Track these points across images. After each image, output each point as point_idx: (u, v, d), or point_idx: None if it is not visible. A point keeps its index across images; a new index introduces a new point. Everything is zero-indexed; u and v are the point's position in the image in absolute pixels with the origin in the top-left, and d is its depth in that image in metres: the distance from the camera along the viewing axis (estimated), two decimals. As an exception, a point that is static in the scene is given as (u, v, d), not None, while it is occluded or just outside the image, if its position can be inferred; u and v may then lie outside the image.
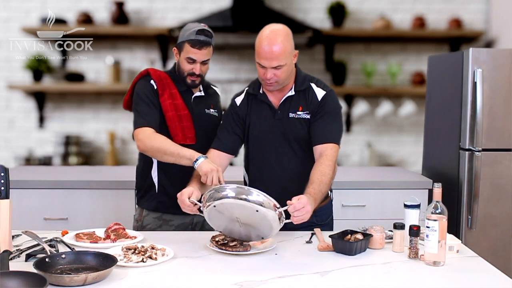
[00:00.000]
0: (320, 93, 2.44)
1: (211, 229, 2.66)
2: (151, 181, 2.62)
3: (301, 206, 2.03)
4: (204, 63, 2.53)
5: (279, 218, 2.03)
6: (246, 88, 2.54)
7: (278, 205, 2.02)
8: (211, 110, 2.66)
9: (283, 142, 2.43)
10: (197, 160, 2.30)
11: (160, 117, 2.52)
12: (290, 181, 2.42)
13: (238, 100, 2.53)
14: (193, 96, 2.62)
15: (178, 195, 2.21)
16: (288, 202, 2.06)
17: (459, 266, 2.01)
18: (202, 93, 2.65)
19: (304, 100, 2.43)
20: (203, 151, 2.47)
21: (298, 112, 2.42)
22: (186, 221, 2.64)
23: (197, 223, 2.67)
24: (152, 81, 2.55)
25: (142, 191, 2.67)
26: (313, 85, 2.46)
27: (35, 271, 1.72)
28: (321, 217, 2.52)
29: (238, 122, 2.49)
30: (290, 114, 2.42)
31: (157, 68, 2.68)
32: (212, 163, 2.28)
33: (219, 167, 2.27)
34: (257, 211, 1.99)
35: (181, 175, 2.48)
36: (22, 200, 3.33)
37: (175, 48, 2.56)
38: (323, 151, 2.34)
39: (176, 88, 2.57)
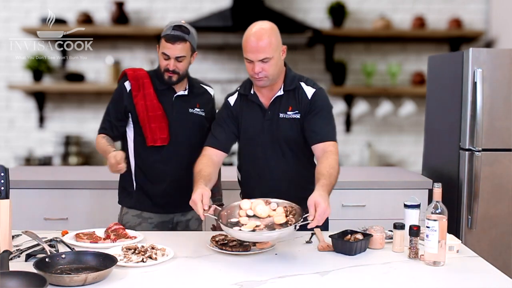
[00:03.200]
0: (309, 91, 2.41)
1: (197, 229, 2.67)
2: (130, 179, 2.65)
3: (322, 212, 1.96)
4: (178, 59, 2.50)
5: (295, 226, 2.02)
6: (238, 88, 2.53)
7: (295, 220, 2.05)
8: (196, 109, 2.63)
9: (273, 142, 2.42)
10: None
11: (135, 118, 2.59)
12: (280, 180, 2.42)
13: (232, 100, 2.51)
14: (175, 95, 2.60)
15: (191, 203, 2.10)
16: (307, 216, 1.99)
17: (459, 266, 2.01)
18: (186, 92, 2.63)
19: (294, 99, 2.41)
20: (186, 149, 2.54)
21: (288, 112, 2.40)
22: (166, 220, 2.65)
23: (179, 223, 2.67)
24: (127, 83, 2.58)
25: (121, 189, 2.71)
26: (302, 83, 2.43)
27: (35, 271, 1.72)
28: None
29: (233, 121, 2.47)
30: (280, 114, 2.41)
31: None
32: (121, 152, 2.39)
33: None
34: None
35: (158, 173, 2.56)
36: (22, 200, 3.33)
37: (157, 45, 2.57)
38: (326, 148, 2.31)
39: (153, 88, 2.57)
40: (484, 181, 3.35)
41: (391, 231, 2.21)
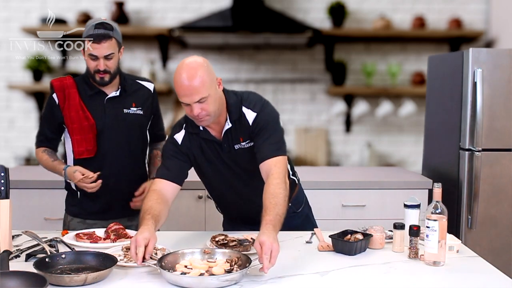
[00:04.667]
0: (250, 116, 2.24)
1: None
2: (71, 187, 2.62)
3: (268, 250, 1.85)
4: (107, 57, 2.42)
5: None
6: (184, 125, 2.31)
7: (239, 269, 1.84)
8: (132, 108, 2.55)
9: (237, 172, 2.33)
10: (64, 169, 2.44)
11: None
12: (251, 201, 2.28)
13: (179, 138, 2.29)
14: (106, 98, 2.53)
15: (132, 242, 1.88)
16: (255, 260, 1.86)
17: (459, 266, 2.01)
18: (118, 93, 2.54)
19: (241, 130, 2.26)
20: (124, 152, 2.53)
21: (242, 143, 2.26)
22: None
23: (129, 227, 2.56)
24: (54, 95, 2.53)
25: (67, 196, 2.69)
26: (244, 109, 2.25)
27: (35, 271, 1.72)
28: (298, 203, 2.53)
29: (184, 156, 2.29)
30: (235, 146, 2.27)
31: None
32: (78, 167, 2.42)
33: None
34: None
35: (99, 177, 2.49)
36: (22, 200, 3.33)
37: (82, 49, 2.47)
38: (269, 170, 2.16)
39: (79, 97, 2.50)
40: (484, 181, 3.35)
41: (391, 231, 2.21)
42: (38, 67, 5.28)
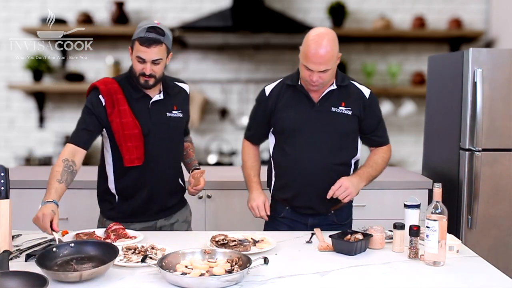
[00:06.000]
0: (365, 90, 2.52)
1: (182, 226, 2.64)
2: (109, 191, 2.54)
3: (343, 189, 2.33)
4: (155, 62, 2.37)
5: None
6: (281, 79, 2.55)
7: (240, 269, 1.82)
8: (173, 112, 2.52)
9: (320, 134, 2.43)
10: (42, 203, 2.21)
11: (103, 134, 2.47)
12: (317, 174, 2.42)
13: (268, 89, 2.53)
14: (151, 102, 2.48)
15: (254, 206, 2.50)
16: (256, 260, 1.86)
17: (459, 266, 2.01)
18: (161, 96, 2.50)
19: (347, 96, 2.46)
20: (166, 157, 2.50)
21: (341, 108, 2.44)
22: (149, 225, 2.56)
23: (162, 227, 2.58)
24: (100, 96, 2.44)
25: (102, 199, 2.60)
26: (354, 82, 2.52)
27: (35, 270, 1.72)
28: (342, 217, 2.57)
29: (264, 112, 2.51)
30: (332, 108, 2.44)
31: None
32: (49, 210, 2.15)
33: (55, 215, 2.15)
34: None
35: (138, 184, 2.48)
36: (22, 200, 3.32)
37: (130, 47, 2.43)
38: (381, 150, 2.58)
39: (127, 102, 2.43)
40: (484, 181, 3.35)
41: (391, 231, 2.21)
42: (38, 67, 5.29)
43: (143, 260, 1.87)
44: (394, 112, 5.45)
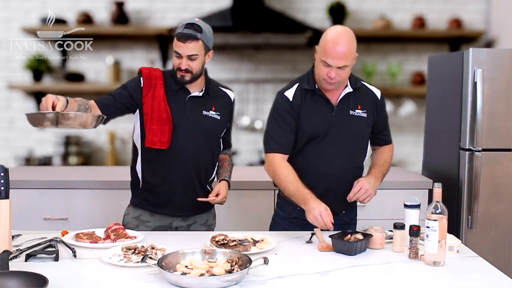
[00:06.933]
0: (376, 91, 2.54)
1: (200, 229, 2.65)
2: (137, 176, 2.62)
3: (364, 191, 2.39)
4: (191, 58, 2.44)
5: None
6: (297, 84, 2.49)
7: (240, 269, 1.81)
8: (211, 112, 2.57)
9: (339, 138, 2.45)
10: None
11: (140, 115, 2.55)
12: (336, 176, 2.45)
13: (289, 94, 2.47)
14: (188, 96, 2.55)
15: (316, 217, 2.27)
16: (256, 260, 1.85)
17: (459, 266, 2.01)
18: (201, 94, 2.56)
19: (361, 99, 2.49)
20: (197, 151, 2.52)
21: (357, 110, 2.47)
22: (164, 224, 2.59)
23: (178, 228, 2.61)
24: (141, 79, 2.55)
25: (132, 187, 2.67)
26: (364, 83, 2.54)
27: (35, 270, 1.71)
28: (351, 216, 2.61)
29: (292, 117, 2.45)
30: (350, 111, 2.46)
31: (157, 67, 2.67)
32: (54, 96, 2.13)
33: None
34: None
35: (163, 174, 2.52)
36: (22, 200, 3.33)
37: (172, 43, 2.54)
38: (386, 149, 2.65)
39: (164, 90, 2.52)
40: (484, 181, 3.35)
41: (391, 231, 2.21)
42: (38, 67, 5.28)
43: (143, 260, 1.87)
44: (394, 112, 5.45)
